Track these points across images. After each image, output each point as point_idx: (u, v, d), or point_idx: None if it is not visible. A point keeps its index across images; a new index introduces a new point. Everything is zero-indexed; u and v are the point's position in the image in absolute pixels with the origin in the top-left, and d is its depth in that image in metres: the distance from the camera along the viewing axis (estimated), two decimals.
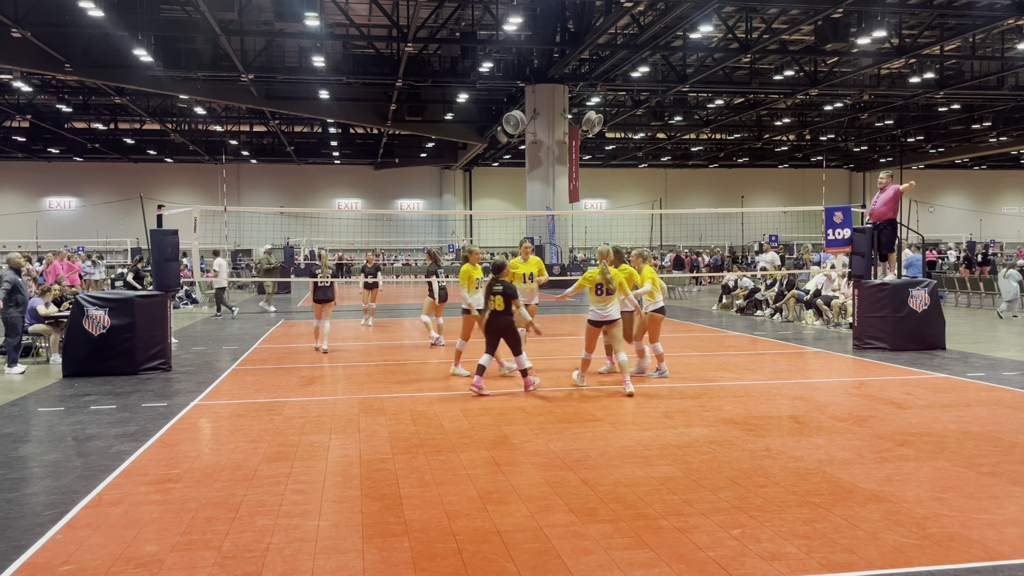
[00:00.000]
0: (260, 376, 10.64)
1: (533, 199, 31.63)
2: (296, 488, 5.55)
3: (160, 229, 11.51)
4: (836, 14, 22.79)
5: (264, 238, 41.09)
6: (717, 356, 12.13)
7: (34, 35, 23.57)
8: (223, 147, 48.09)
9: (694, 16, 22.62)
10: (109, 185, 52.08)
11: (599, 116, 31.45)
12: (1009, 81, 32.84)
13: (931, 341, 12.21)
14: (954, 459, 6.11)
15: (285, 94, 35.86)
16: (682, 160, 57.37)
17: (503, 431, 7.21)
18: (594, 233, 54.83)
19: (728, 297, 20.61)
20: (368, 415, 7.98)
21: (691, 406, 8.27)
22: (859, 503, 5.11)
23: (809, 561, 4.20)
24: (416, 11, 23.18)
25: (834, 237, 13.29)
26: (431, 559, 4.29)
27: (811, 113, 42.27)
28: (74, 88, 35.97)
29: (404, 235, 55.64)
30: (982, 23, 24.66)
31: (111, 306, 10.61)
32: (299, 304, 24.38)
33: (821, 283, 16.82)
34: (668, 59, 30.31)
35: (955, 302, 21.40)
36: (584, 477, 5.74)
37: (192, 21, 25.67)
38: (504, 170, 56.33)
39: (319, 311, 13.35)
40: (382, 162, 53.26)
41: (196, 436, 7.22)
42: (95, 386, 9.77)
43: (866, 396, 8.75)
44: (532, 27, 26.60)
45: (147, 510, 5.12)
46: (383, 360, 11.98)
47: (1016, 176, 61.85)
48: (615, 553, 4.34)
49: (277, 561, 4.28)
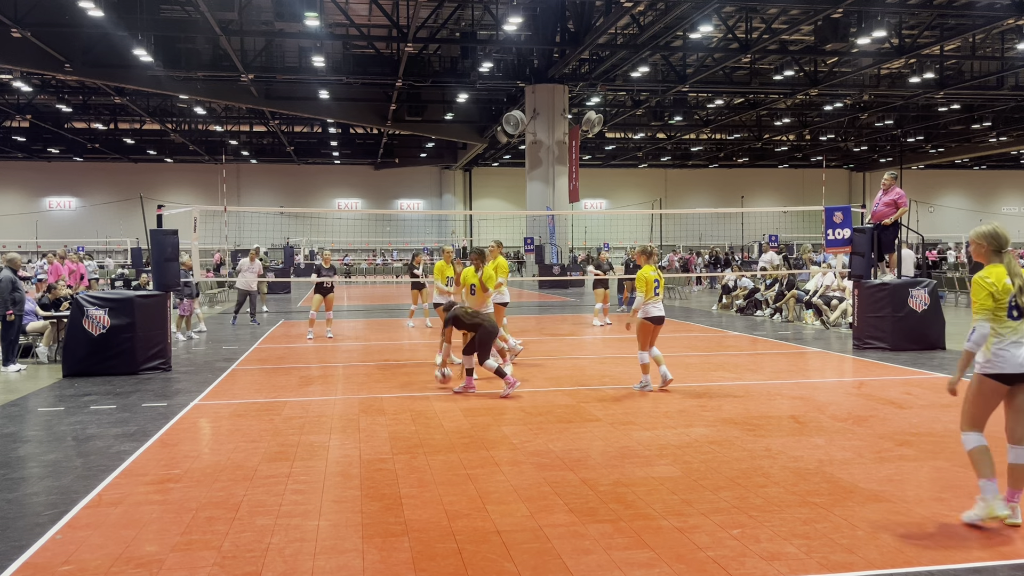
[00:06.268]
0: (260, 376, 10.64)
1: (533, 199, 31.64)
2: (296, 488, 5.55)
3: (160, 229, 11.50)
4: (836, 14, 22.80)
5: (264, 238, 41.13)
6: (717, 356, 12.13)
7: (34, 35, 23.58)
8: (223, 147, 48.10)
9: (694, 16, 22.62)
10: (109, 185, 52.10)
11: (599, 116, 31.47)
12: (1009, 81, 32.85)
13: (931, 341, 12.21)
14: (954, 459, 6.11)
15: (285, 94, 35.87)
16: (682, 160, 57.38)
17: (503, 431, 7.21)
18: (594, 233, 54.85)
19: (728, 297, 20.61)
20: (368, 415, 7.98)
21: (691, 406, 8.27)
22: (859, 503, 5.11)
23: (809, 561, 4.20)
24: (416, 11, 23.19)
25: (834, 237, 13.29)
26: (431, 559, 4.29)
27: (811, 113, 42.29)
28: (74, 88, 35.97)
29: (404, 235, 55.65)
30: (982, 23, 24.67)
31: (111, 306, 10.60)
32: (299, 304, 24.39)
33: (821, 283, 16.82)
34: (668, 59, 30.32)
35: (955, 302, 21.40)
36: (584, 477, 5.74)
37: (192, 21, 25.69)
38: (504, 170, 56.33)
39: (319, 303, 14.83)
40: (382, 162, 53.28)
41: (196, 436, 7.22)
42: (95, 386, 9.77)
43: (866, 396, 8.75)
44: (532, 27, 26.61)
45: (147, 510, 5.12)
46: (383, 360, 11.98)
47: (1016, 176, 61.86)
48: (615, 553, 4.33)
49: (277, 561, 4.28)
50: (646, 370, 9.14)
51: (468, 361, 9.17)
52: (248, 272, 17.64)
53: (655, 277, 9.08)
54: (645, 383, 9.15)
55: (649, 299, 9.05)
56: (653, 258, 9.39)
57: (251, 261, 17.76)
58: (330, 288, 15.05)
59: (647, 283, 9.01)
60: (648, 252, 9.39)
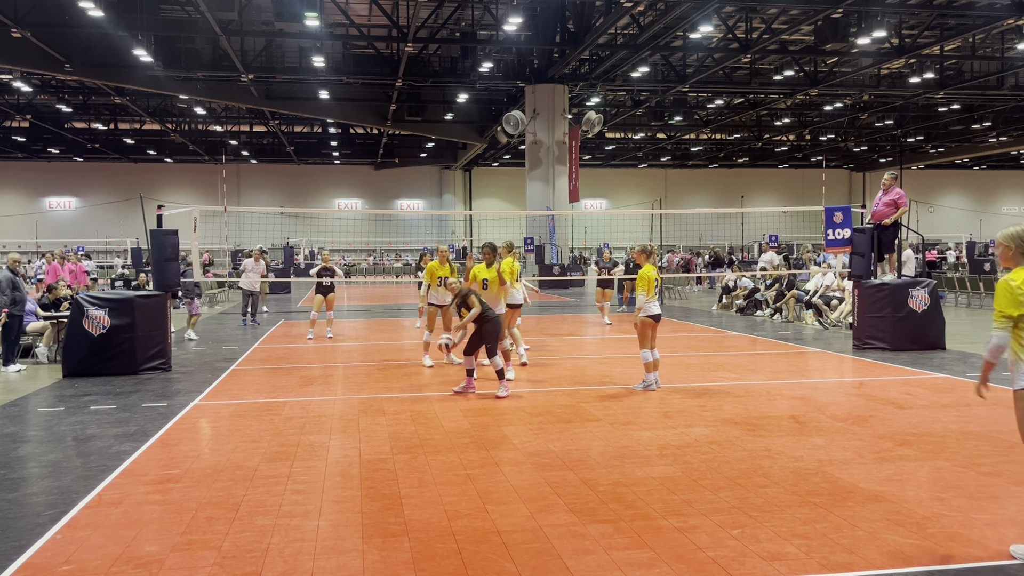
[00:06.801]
0: (260, 376, 10.64)
1: (533, 199, 31.63)
2: (296, 488, 5.55)
3: (160, 229, 11.50)
4: (836, 14, 22.79)
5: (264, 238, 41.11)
6: (717, 356, 12.13)
7: (34, 35, 23.57)
8: (223, 147, 48.10)
9: (694, 16, 22.62)
10: (109, 185, 52.10)
11: (599, 116, 31.46)
12: (1009, 81, 32.85)
13: (931, 341, 12.20)
14: (954, 459, 6.11)
15: (285, 94, 35.87)
16: (682, 160, 57.38)
17: (503, 431, 7.21)
18: (594, 233, 54.85)
19: (728, 297, 20.61)
20: (368, 415, 7.98)
21: (691, 406, 8.26)
22: (859, 503, 5.11)
23: (809, 561, 4.20)
24: (416, 11, 23.18)
25: (834, 237, 13.29)
26: (431, 559, 4.29)
27: (811, 113, 42.29)
28: (74, 88, 35.97)
29: (404, 235, 55.64)
30: (982, 23, 24.67)
31: (111, 306, 10.60)
32: (299, 304, 24.38)
33: (821, 283, 16.82)
34: (668, 59, 30.32)
35: (955, 302, 21.40)
36: (584, 477, 5.74)
37: (192, 21, 25.68)
38: (504, 170, 56.33)
39: (320, 303, 14.93)
40: (382, 162, 53.28)
41: (196, 436, 7.22)
42: (95, 386, 9.77)
43: (866, 396, 8.74)
44: (532, 27, 26.60)
45: (147, 510, 5.12)
46: (383, 360, 11.98)
47: (1016, 176, 61.86)
48: (615, 553, 4.33)
49: (277, 561, 4.28)
50: (649, 368, 9.15)
51: (469, 362, 9.14)
52: (252, 272, 17.59)
53: (656, 276, 9.14)
54: (648, 382, 9.17)
55: (651, 298, 9.10)
56: (652, 257, 9.41)
57: (255, 261, 17.75)
58: (331, 288, 15.12)
59: (649, 282, 9.03)
60: (648, 251, 9.42)
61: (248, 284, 17.61)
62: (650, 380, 9.17)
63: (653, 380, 9.18)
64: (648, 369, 9.16)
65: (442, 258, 11.82)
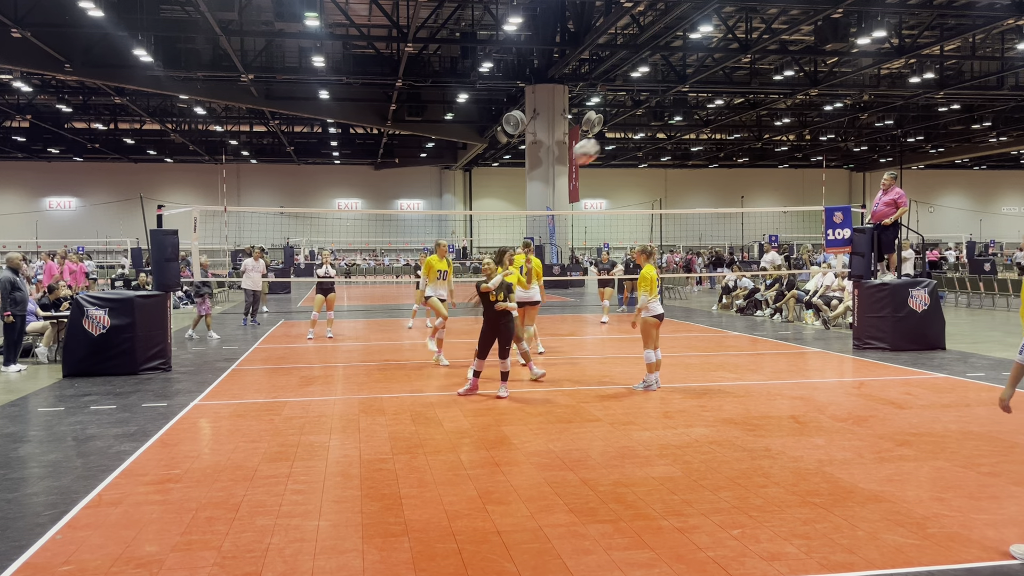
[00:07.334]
0: (260, 376, 10.64)
1: (533, 199, 31.63)
2: (296, 488, 5.55)
3: (160, 229, 11.50)
4: (836, 14, 22.78)
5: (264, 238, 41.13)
6: (717, 356, 12.13)
7: (34, 35, 23.56)
8: (223, 147, 48.09)
9: (694, 16, 22.62)
10: (109, 185, 52.08)
11: (599, 116, 31.37)
12: (1009, 81, 32.84)
13: (931, 341, 12.20)
14: (954, 459, 6.11)
15: (285, 94, 35.87)
16: (682, 160, 57.37)
17: (503, 431, 7.21)
18: (594, 233, 54.84)
19: (728, 297, 20.61)
20: (368, 415, 7.98)
21: (691, 406, 8.27)
22: (859, 503, 5.11)
23: (809, 561, 4.20)
24: (416, 11, 23.18)
25: (834, 237, 13.29)
26: (431, 559, 4.29)
27: (811, 113, 42.28)
28: (74, 88, 35.97)
29: (404, 235, 55.63)
30: (982, 23, 24.66)
31: (111, 306, 10.60)
32: (299, 304, 24.38)
33: (821, 283, 16.82)
34: (668, 59, 30.31)
35: (955, 302, 21.40)
36: (584, 477, 5.74)
37: (192, 21, 25.67)
38: (504, 170, 56.32)
39: (320, 303, 14.91)
40: (382, 162, 53.27)
41: (196, 436, 7.22)
42: (95, 386, 9.77)
43: (866, 396, 8.74)
44: (532, 27, 26.60)
45: (147, 510, 5.12)
46: (383, 360, 11.98)
47: (1016, 176, 61.84)
48: (615, 553, 4.34)
49: (277, 561, 4.28)
50: (652, 369, 9.15)
51: (479, 364, 8.98)
52: (254, 272, 17.57)
53: (657, 276, 9.16)
54: (649, 382, 9.18)
55: (653, 298, 9.10)
56: (653, 257, 9.43)
57: (255, 260, 17.76)
58: (331, 288, 15.14)
59: (651, 282, 9.03)
60: (648, 252, 9.43)
61: (251, 284, 17.62)
62: (651, 380, 9.18)
63: (654, 380, 9.19)
64: (651, 369, 9.17)
65: (441, 252, 11.88)
